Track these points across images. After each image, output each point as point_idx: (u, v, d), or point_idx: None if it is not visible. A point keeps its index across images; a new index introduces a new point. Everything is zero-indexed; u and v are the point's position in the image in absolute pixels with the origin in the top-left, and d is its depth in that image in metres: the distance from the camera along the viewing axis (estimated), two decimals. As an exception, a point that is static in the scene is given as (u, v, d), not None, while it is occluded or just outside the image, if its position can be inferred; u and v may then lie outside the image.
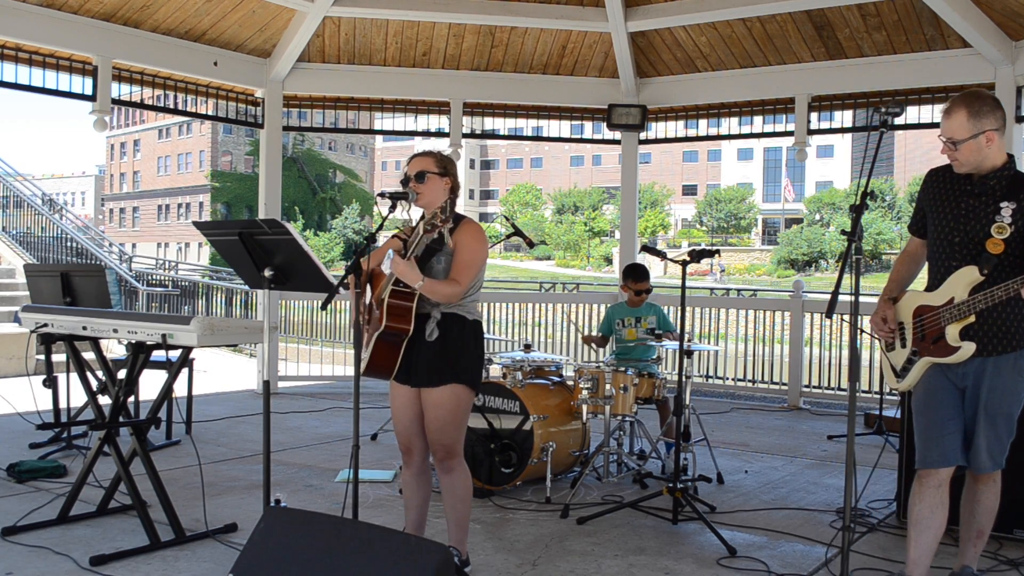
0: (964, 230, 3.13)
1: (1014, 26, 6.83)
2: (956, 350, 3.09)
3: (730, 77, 8.25)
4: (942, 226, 3.20)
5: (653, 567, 3.72)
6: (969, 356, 3.08)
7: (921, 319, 3.19)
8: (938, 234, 3.21)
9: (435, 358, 3.27)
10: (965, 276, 3.09)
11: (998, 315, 3.09)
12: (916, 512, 3.20)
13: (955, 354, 3.10)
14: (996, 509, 3.30)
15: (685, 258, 4.37)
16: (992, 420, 3.12)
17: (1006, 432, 3.16)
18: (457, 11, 7.78)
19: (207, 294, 12.96)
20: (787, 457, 6.01)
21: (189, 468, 5.19)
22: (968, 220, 3.13)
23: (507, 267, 53.59)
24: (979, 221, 3.10)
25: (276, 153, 8.51)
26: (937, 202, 3.24)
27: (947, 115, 3.09)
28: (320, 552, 2.75)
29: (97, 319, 3.94)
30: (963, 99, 3.08)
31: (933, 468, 3.17)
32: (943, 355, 3.14)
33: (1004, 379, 3.11)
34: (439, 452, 3.35)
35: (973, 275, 3.06)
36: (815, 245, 49.26)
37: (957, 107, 3.07)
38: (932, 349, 3.17)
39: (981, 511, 3.30)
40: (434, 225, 3.13)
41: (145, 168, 67.52)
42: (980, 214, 3.11)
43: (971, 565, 3.37)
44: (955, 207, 3.17)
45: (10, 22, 6.58)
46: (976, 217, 3.11)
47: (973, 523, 3.33)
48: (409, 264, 3.15)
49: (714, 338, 9.77)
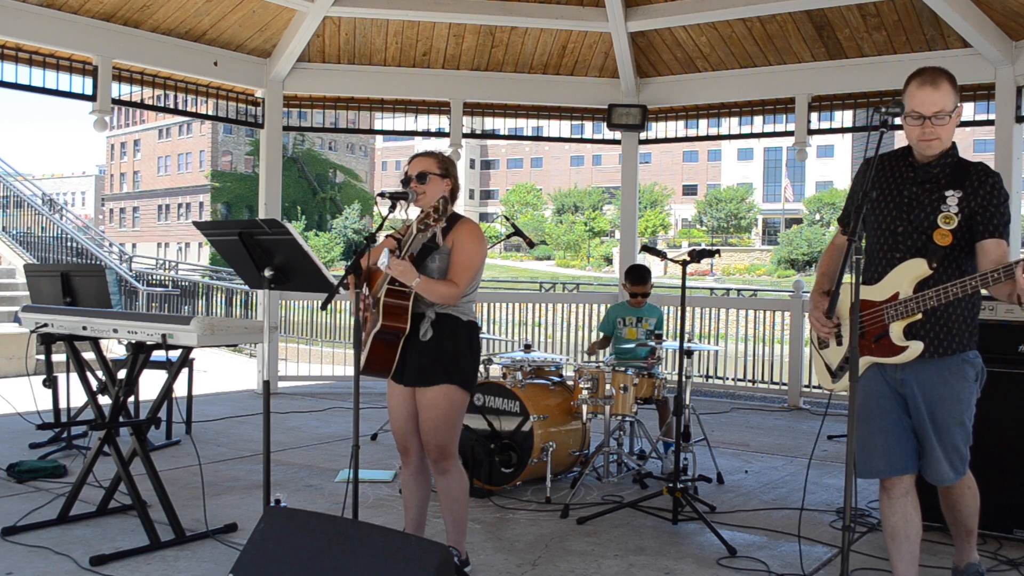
0: (908, 219, 2.94)
1: (1014, 26, 6.83)
2: (902, 350, 2.89)
3: (730, 77, 8.24)
4: (883, 215, 2.99)
5: (653, 567, 3.72)
6: (916, 356, 2.88)
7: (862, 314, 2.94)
8: (878, 223, 3.00)
9: (428, 358, 3.27)
10: (912, 269, 2.88)
11: (945, 313, 2.90)
12: (891, 525, 3.05)
13: (902, 354, 2.89)
14: (978, 506, 3.16)
15: (685, 258, 4.37)
16: (945, 431, 2.93)
17: (963, 440, 2.95)
18: (457, 11, 7.78)
19: (207, 294, 12.96)
20: (787, 457, 6.01)
21: (189, 468, 5.19)
22: (912, 209, 2.93)
23: (507, 267, 53.59)
24: (923, 210, 2.91)
25: (276, 153, 8.51)
26: (877, 191, 3.02)
27: (933, 87, 2.85)
28: (320, 552, 2.75)
29: (97, 319, 3.94)
30: (940, 71, 2.89)
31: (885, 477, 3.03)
32: (887, 355, 2.92)
33: (951, 386, 2.92)
34: (433, 453, 3.35)
35: (921, 268, 2.85)
36: (815, 245, 49.26)
37: (941, 77, 2.86)
38: (874, 348, 2.94)
39: (965, 516, 3.18)
40: (427, 224, 3.12)
41: (145, 168, 67.53)
42: (924, 202, 2.92)
43: (974, 561, 3.31)
44: (897, 195, 2.98)
45: (10, 22, 6.58)
46: (920, 206, 2.92)
47: (960, 527, 3.23)
48: (405, 263, 3.14)
49: (714, 338, 9.77)
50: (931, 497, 4.05)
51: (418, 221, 3.14)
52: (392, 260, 3.13)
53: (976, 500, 3.17)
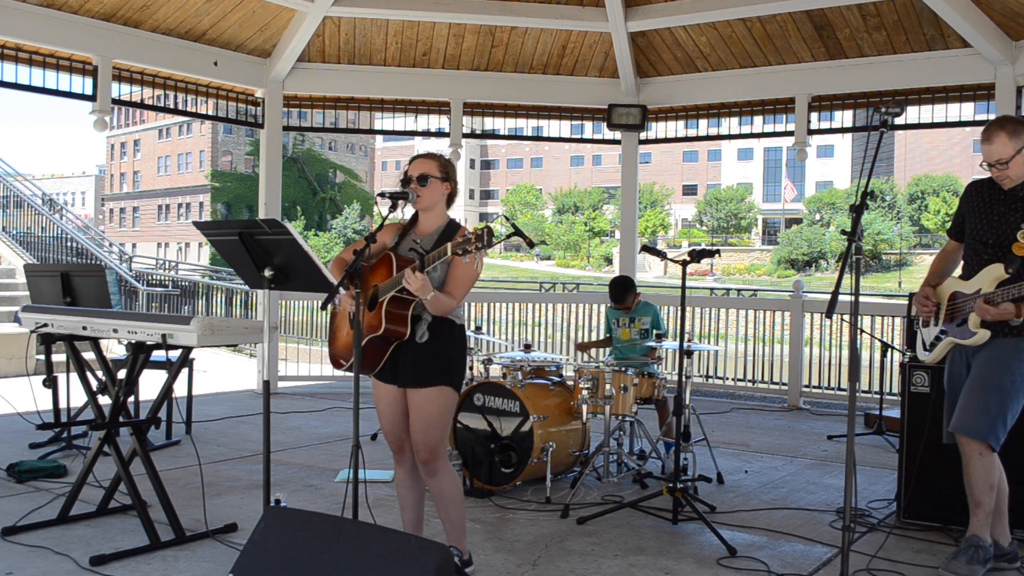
0: (996, 233, 3.61)
1: (1014, 26, 6.83)
2: (974, 335, 3.57)
3: (730, 77, 8.25)
4: (977, 229, 3.69)
5: (653, 567, 3.72)
6: (985, 341, 3.53)
7: (954, 303, 3.69)
8: (973, 235, 3.71)
9: (424, 359, 3.29)
10: (992, 272, 3.54)
11: None
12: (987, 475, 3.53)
13: (972, 338, 3.57)
14: (991, 483, 3.50)
15: (685, 258, 4.37)
16: (978, 383, 3.52)
17: (995, 404, 3.46)
18: (457, 11, 7.78)
19: (207, 294, 12.96)
20: (787, 457, 6.01)
21: (189, 468, 5.19)
22: (999, 225, 3.61)
23: (507, 267, 53.57)
24: (1008, 227, 3.58)
25: (276, 153, 8.51)
26: (974, 209, 3.72)
27: (987, 141, 3.54)
28: (320, 552, 2.75)
29: (97, 319, 3.94)
30: (997, 123, 3.55)
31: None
32: (962, 337, 3.62)
33: (999, 353, 3.52)
34: (423, 453, 3.35)
35: (999, 271, 3.52)
36: (815, 245, 49.25)
37: (995, 131, 3.52)
38: (956, 331, 3.67)
39: (973, 483, 3.54)
40: (466, 251, 2.97)
41: (145, 168, 67.50)
42: (1009, 220, 3.58)
43: (978, 533, 3.53)
44: (989, 213, 3.66)
45: (10, 22, 6.58)
46: (1006, 223, 3.59)
47: (970, 496, 3.57)
48: (424, 280, 3.11)
49: (714, 338, 9.76)
50: (935, 494, 4.07)
51: (455, 245, 2.98)
52: (408, 274, 3.12)
53: (988, 474, 3.49)
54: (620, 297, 5.83)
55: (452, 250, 2.99)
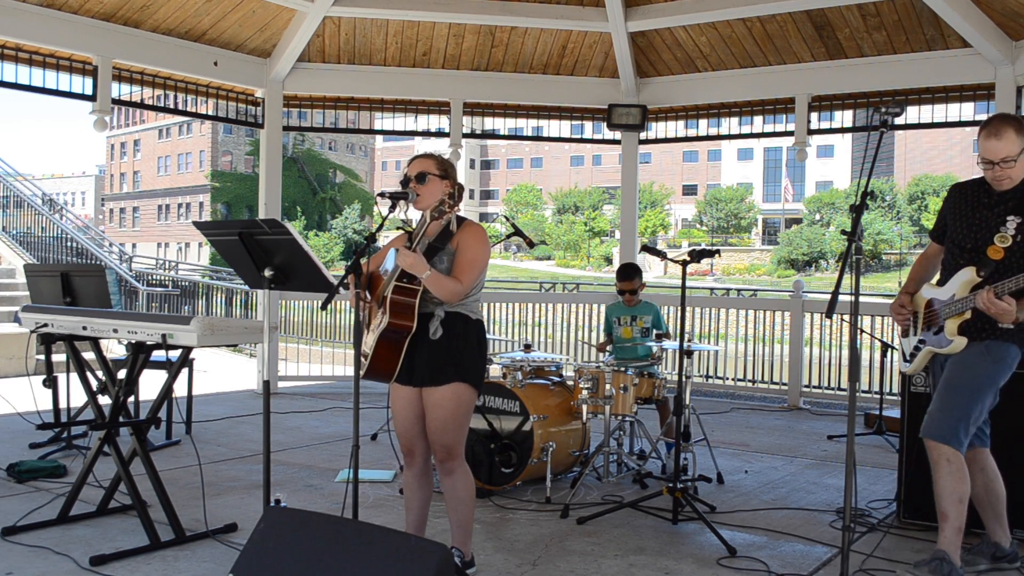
0: (975, 237, 3.47)
1: (1014, 26, 6.83)
2: (951, 343, 3.45)
3: (730, 77, 8.25)
4: (957, 233, 3.56)
5: (653, 567, 3.72)
6: (961, 349, 3.42)
7: (930, 310, 3.58)
8: (953, 239, 3.58)
9: (438, 357, 3.26)
10: (965, 276, 3.41)
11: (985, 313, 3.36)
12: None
13: (949, 346, 3.46)
14: (959, 494, 3.33)
15: (685, 258, 4.37)
16: (944, 388, 3.43)
17: (957, 405, 3.35)
18: (457, 11, 7.78)
19: (207, 294, 12.95)
20: (787, 457, 6.01)
21: (189, 468, 5.19)
22: (980, 229, 3.46)
23: (507, 267, 53.58)
24: (988, 230, 3.43)
25: (276, 153, 8.51)
26: (956, 212, 3.58)
27: (996, 136, 3.32)
28: (320, 552, 2.75)
29: (97, 319, 3.94)
30: (1005, 119, 3.35)
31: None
32: (939, 346, 3.51)
33: (967, 355, 3.42)
34: (440, 453, 3.34)
35: (971, 275, 3.38)
36: (815, 245, 49.25)
37: (1004, 127, 3.32)
38: (933, 340, 3.55)
39: (940, 491, 3.37)
40: (442, 211, 3.17)
41: (145, 168, 67.50)
42: (990, 223, 3.44)
43: (946, 550, 3.35)
44: (971, 217, 3.51)
45: (10, 22, 6.58)
46: (987, 227, 3.44)
47: (938, 504, 3.41)
48: (416, 255, 3.14)
49: (714, 338, 9.76)
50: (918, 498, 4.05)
51: (432, 209, 3.21)
52: (402, 251, 3.13)
53: (957, 483, 3.32)
54: (629, 275, 5.81)
55: (430, 215, 3.21)
